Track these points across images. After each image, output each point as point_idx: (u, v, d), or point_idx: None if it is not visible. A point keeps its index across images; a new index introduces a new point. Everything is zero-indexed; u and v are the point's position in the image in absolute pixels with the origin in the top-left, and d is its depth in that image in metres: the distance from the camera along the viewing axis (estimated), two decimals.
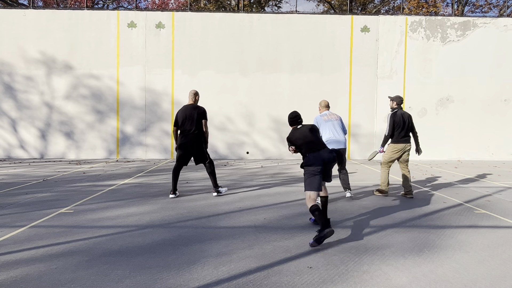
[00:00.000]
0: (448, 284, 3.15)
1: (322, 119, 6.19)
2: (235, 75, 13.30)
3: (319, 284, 3.11)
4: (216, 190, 6.65)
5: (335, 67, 13.41)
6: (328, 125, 6.13)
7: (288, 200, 6.37)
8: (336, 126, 6.14)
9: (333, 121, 6.16)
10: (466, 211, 5.64)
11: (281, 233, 4.48)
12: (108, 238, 4.26)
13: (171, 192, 6.46)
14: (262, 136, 13.32)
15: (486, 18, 13.89)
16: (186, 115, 6.35)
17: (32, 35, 12.96)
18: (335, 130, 6.14)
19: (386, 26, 13.43)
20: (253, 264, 3.52)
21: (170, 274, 3.29)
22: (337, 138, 6.11)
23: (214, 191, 6.66)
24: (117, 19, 13.09)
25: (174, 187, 6.47)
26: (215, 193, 6.64)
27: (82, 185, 7.64)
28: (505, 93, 13.55)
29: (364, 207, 5.89)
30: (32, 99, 12.98)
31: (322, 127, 6.15)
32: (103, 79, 13.09)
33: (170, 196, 6.44)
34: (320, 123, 6.17)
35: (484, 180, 8.77)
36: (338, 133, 6.14)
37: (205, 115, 6.46)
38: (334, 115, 6.28)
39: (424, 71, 13.47)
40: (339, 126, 6.17)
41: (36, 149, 13.05)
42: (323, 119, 6.18)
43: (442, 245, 4.09)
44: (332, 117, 6.21)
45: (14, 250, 3.82)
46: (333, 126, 6.13)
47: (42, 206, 5.75)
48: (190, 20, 13.20)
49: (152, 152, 13.08)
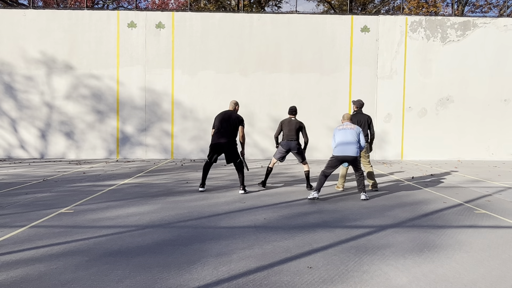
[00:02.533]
0: (448, 284, 3.15)
1: (337, 129, 6.61)
2: (235, 75, 13.30)
3: (319, 284, 3.11)
4: (243, 188, 7.04)
5: (335, 67, 13.41)
6: (341, 132, 6.49)
7: (288, 200, 6.37)
8: (347, 134, 6.43)
9: (346, 130, 6.49)
10: (466, 211, 5.64)
11: (281, 233, 4.48)
12: (108, 238, 4.26)
13: (200, 186, 7.14)
14: (262, 136, 13.31)
15: (486, 18, 13.89)
16: (224, 118, 6.97)
17: (32, 35, 12.96)
18: (345, 136, 6.43)
19: (386, 26, 13.43)
20: (253, 264, 3.52)
21: (170, 274, 3.29)
22: (344, 141, 6.38)
23: (240, 188, 7.01)
24: (117, 19, 13.09)
25: (203, 182, 7.14)
26: (242, 191, 6.97)
27: (82, 185, 7.64)
28: (505, 93, 13.55)
29: (364, 207, 5.89)
30: (32, 99, 12.98)
31: (336, 135, 6.55)
32: (103, 79, 13.09)
33: (199, 189, 7.07)
34: (335, 132, 6.59)
35: (484, 180, 8.77)
36: (347, 138, 6.40)
37: (242, 122, 7.03)
38: (350, 125, 6.57)
39: (424, 71, 13.47)
40: (351, 134, 6.42)
41: (36, 149, 13.05)
42: (338, 129, 6.60)
43: (442, 245, 4.09)
44: (347, 126, 6.53)
45: (14, 250, 3.82)
46: (344, 133, 6.45)
47: (42, 206, 5.75)
48: (190, 20, 13.20)
49: (152, 152, 13.08)
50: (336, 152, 6.45)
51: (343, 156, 6.38)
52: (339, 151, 6.40)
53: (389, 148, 13.50)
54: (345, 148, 6.36)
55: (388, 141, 13.50)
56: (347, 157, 6.36)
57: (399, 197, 6.67)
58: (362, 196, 6.41)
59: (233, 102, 7.23)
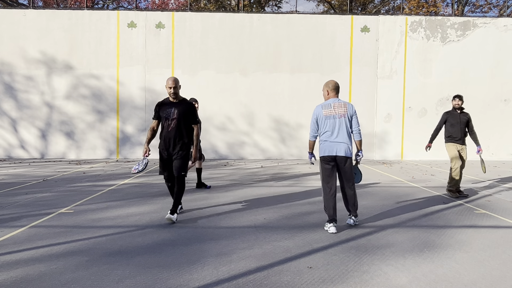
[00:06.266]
0: (448, 284, 3.15)
1: (323, 113, 4.66)
2: (235, 75, 13.30)
3: (319, 284, 3.11)
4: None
5: (335, 67, 13.40)
6: (329, 123, 4.64)
7: (288, 200, 6.37)
8: (338, 125, 4.62)
9: (335, 118, 4.62)
10: (466, 211, 5.64)
11: (281, 233, 4.48)
12: (108, 238, 4.26)
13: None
14: (262, 136, 13.32)
15: (486, 18, 13.89)
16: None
17: (32, 35, 12.96)
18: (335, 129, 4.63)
19: (386, 26, 13.43)
20: (253, 264, 3.51)
21: (170, 274, 3.29)
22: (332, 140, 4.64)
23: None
24: (117, 19, 13.09)
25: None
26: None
27: (82, 185, 7.64)
28: (505, 93, 13.55)
29: (364, 207, 5.88)
30: (33, 99, 12.98)
31: (321, 124, 4.70)
32: (103, 79, 13.09)
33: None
34: (320, 118, 4.70)
35: (484, 180, 8.77)
36: (336, 134, 4.63)
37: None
38: (341, 107, 4.66)
39: (424, 71, 13.47)
40: (344, 123, 4.63)
41: (37, 149, 13.05)
42: (323, 114, 4.66)
43: (442, 245, 4.09)
44: (337, 112, 4.64)
45: (14, 250, 3.82)
46: (334, 125, 4.63)
47: (42, 206, 5.75)
48: (190, 20, 13.20)
49: (153, 152, 13.03)
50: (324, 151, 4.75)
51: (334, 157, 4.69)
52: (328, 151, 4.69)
53: (389, 148, 13.50)
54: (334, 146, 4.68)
55: (388, 141, 13.50)
56: (336, 157, 4.66)
57: (399, 197, 6.67)
58: (350, 220, 4.85)
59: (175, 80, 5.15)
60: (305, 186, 7.72)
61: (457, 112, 7.11)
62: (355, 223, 4.83)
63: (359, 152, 4.86)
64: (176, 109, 5.03)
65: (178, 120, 5.02)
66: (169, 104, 5.14)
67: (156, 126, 5.34)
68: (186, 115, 5.08)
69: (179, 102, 5.14)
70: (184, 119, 5.07)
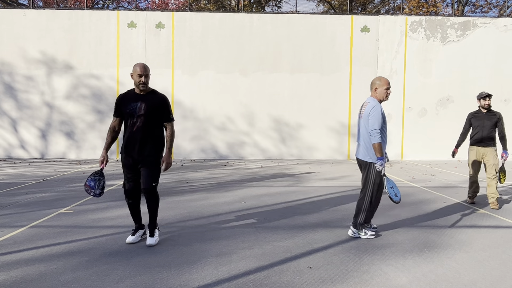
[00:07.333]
0: (448, 284, 3.15)
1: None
2: (235, 75, 13.30)
3: (319, 284, 3.11)
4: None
5: (335, 67, 13.40)
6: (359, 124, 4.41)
7: (288, 200, 6.37)
8: (359, 126, 4.42)
9: (359, 118, 4.39)
10: (466, 211, 5.64)
11: (281, 233, 4.48)
12: (108, 238, 4.26)
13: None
14: (263, 136, 13.31)
15: (486, 18, 13.89)
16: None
17: (32, 35, 12.96)
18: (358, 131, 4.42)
19: (386, 26, 13.43)
20: (253, 264, 3.51)
21: (170, 274, 3.29)
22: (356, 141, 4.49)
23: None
24: (117, 19, 13.09)
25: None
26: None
27: (82, 185, 7.64)
28: (505, 93, 13.54)
29: None
30: (33, 99, 12.98)
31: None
32: (103, 79, 13.09)
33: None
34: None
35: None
36: (358, 135, 4.44)
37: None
38: (363, 107, 4.37)
39: (424, 71, 13.47)
40: (362, 124, 4.33)
41: (37, 149, 13.04)
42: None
43: (442, 245, 4.09)
44: (361, 111, 4.38)
45: (14, 250, 3.82)
46: (359, 126, 4.43)
47: (42, 206, 5.75)
48: (190, 20, 13.20)
49: None
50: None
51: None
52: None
53: (389, 148, 13.49)
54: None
55: (388, 141, 13.49)
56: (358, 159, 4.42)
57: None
58: (349, 231, 4.43)
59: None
60: (305, 186, 7.72)
61: (483, 112, 6.47)
62: (353, 234, 4.33)
63: (377, 160, 4.09)
64: (144, 103, 3.97)
65: (147, 117, 3.96)
66: (135, 97, 4.03)
67: (118, 125, 4.22)
68: (157, 111, 4.01)
69: (148, 95, 4.05)
70: (155, 116, 4.01)
